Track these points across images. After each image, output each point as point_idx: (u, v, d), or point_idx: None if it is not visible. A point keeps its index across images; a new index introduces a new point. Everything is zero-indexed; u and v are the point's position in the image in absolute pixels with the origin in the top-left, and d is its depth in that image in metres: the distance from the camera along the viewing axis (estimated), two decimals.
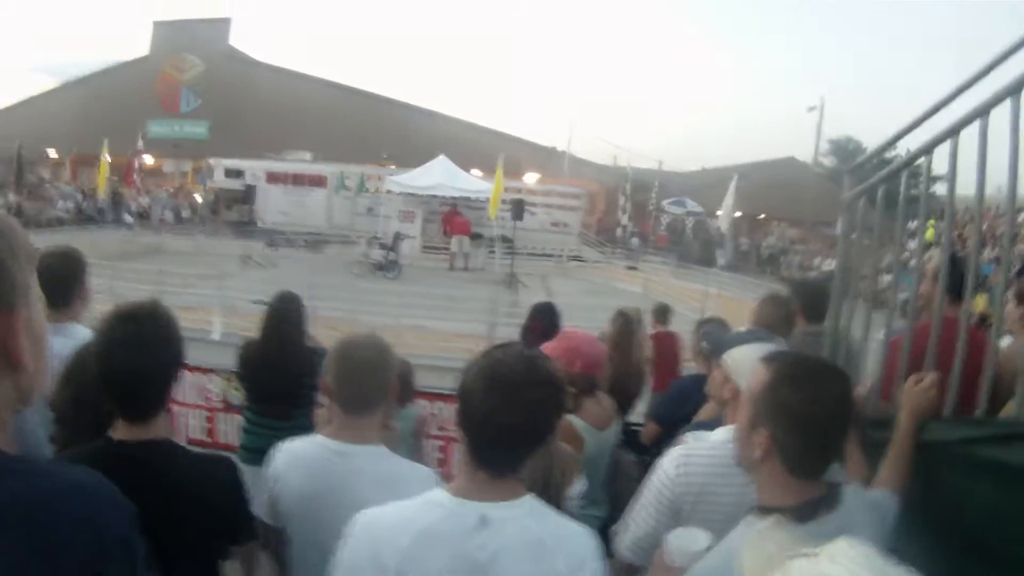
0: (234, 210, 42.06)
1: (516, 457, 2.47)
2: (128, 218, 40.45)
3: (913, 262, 5.76)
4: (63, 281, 4.21)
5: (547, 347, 4.51)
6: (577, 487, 3.94)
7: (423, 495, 2.50)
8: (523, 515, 2.44)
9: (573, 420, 4.52)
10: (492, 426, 2.35)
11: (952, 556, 2.97)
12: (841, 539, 1.56)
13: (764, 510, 2.45)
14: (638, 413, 6.56)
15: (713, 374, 3.61)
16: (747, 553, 1.77)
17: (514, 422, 2.33)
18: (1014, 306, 5.62)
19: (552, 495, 3.52)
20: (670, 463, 3.19)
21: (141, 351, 2.88)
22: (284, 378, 5.67)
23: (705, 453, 3.20)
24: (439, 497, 2.46)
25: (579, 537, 2.53)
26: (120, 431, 2.94)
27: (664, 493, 3.15)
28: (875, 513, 2.70)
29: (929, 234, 21.66)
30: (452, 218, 36.91)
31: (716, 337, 3.85)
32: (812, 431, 2.39)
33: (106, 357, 2.90)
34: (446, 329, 18.96)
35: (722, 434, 3.25)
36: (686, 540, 2.67)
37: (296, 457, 3.36)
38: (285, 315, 5.79)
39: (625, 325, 6.31)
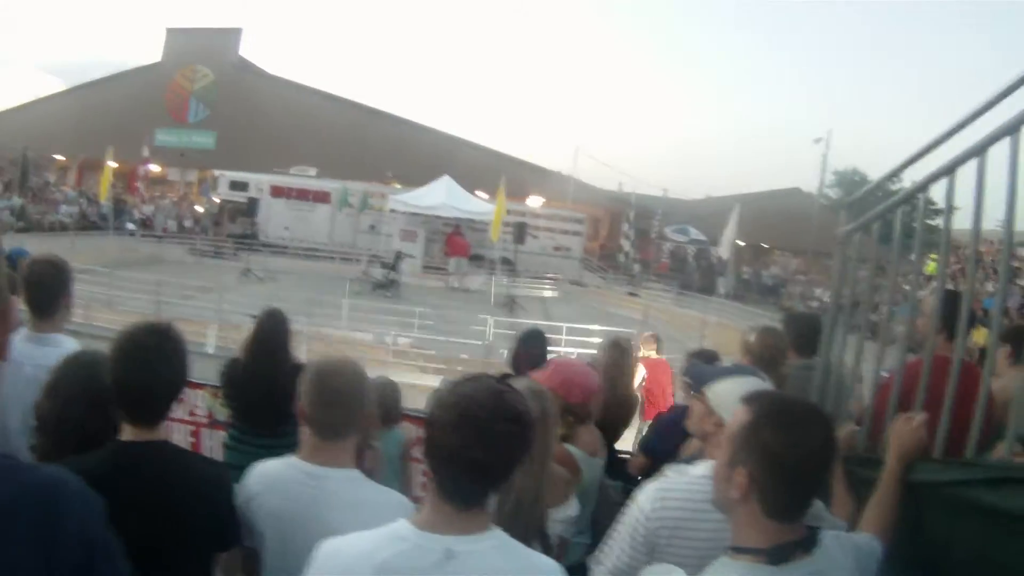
0: (238, 223, 41.99)
1: (483, 491, 2.41)
2: (131, 225, 40.35)
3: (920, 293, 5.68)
4: (51, 291, 4.27)
5: (539, 376, 4.46)
6: (567, 511, 3.97)
7: (387, 526, 2.43)
8: (489, 549, 2.37)
9: (571, 449, 4.48)
10: (460, 461, 2.29)
11: None
12: None
13: (738, 551, 2.40)
14: (625, 440, 6.45)
15: (694, 407, 3.54)
16: None
17: (482, 457, 2.28)
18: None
19: (539, 516, 3.55)
20: (646, 498, 3.12)
21: (161, 361, 3.08)
22: (270, 395, 5.58)
23: (682, 488, 3.13)
24: (403, 529, 2.39)
25: (547, 573, 2.47)
26: (127, 434, 3.08)
27: (639, 529, 3.08)
28: (857, 558, 2.62)
29: (931, 267, 21.62)
30: (452, 239, 36.95)
31: (698, 370, 3.76)
32: (791, 474, 2.33)
33: (125, 364, 3.06)
34: (443, 351, 18.93)
35: (702, 469, 3.18)
36: None
37: (269, 477, 3.33)
38: (271, 332, 5.74)
39: (617, 355, 6.18)
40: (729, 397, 3.15)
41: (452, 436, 2.29)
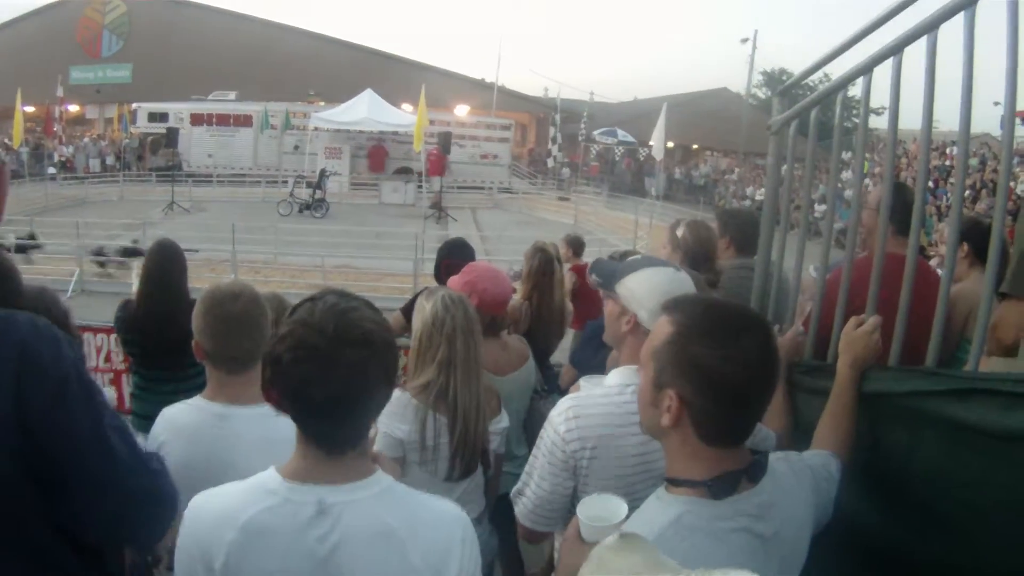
0: (160, 155, 41.12)
1: (349, 429, 2.11)
2: (51, 169, 38.97)
3: (848, 192, 5.45)
4: None
5: (452, 281, 4.39)
6: (500, 423, 3.91)
7: (255, 477, 2.16)
8: (369, 499, 2.09)
9: None
10: (308, 399, 2.00)
11: (900, 520, 2.72)
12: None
13: (675, 483, 2.12)
14: (564, 350, 6.23)
15: (607, 309, 3.16)
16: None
17: (332, 393, 1.98)
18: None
19: (483, 432, 3.64)
20: (559, 417, 2.87)
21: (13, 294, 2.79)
22: (167, 334, 5.21)
23: (597, 402, 2.87)
24: (271, 482, 2.11)
25: (442, 524, 2.18)
26: None
27: (556, 452, 2.85)
28: (812, 480, 2.38)
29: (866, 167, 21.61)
30: (432, 159, 36.21)
31: (605, 266, 3.32)
32: (730, 393, 2.02)
33: None
34: (374, 267, 18.76)
35: (616, 377, 2.94)
36: (598, 511, 2.35)
37: (174, 423, 3.13)
38: (162, 265, 5.40)
39: (544, 262, 5.92)
40: (641, 289, 2.90)
41: (292, 370, 1.99)
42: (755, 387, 2.05)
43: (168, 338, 5.22)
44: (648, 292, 2.86)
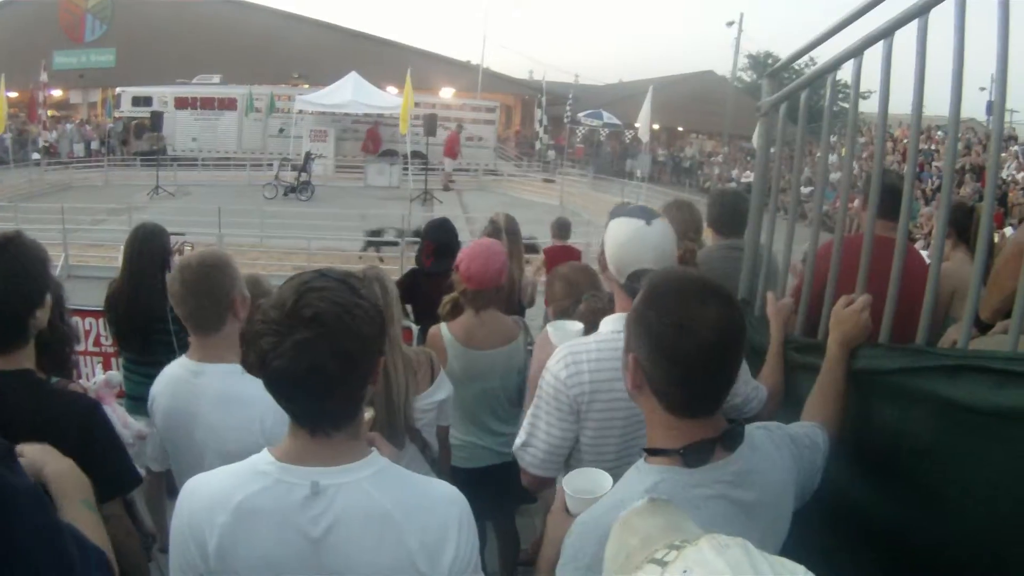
0: (144, 139, 40.71)
1: (325, 410, 2.06)
2: (35, 155, 38.61)
3: (834, 175, 5.49)
4: None
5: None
6: (433, 395, 3.93)
7: (246, 460, 2.14)
8: (363, 480, 2.07)
9: (442, 329, 4.52)
10: (272, 372, 1.97)
11: (889, 497, 2.76)
12: (705, 540, 1.22)
13: (652, 452, 2.13)
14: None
15: None
16: (611, 542, 1.44)
17: (279, 368, 1.95)
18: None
19: (399, 408, 3.69)
20: (558, 365, 2.99)
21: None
22: (135, 317, 5.36)
23: (591, 348, 3.02)
24: (264, 463, 2.09)
25: (438, 506, 2.15)
26: None
27: (560, 398, 2.98)
28: (793, 448, 2.40)
29: (844, 151, 21.58)
30: (448, 140, 36.74)
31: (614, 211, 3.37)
32: (679, 364, 2.02)
33: None
34: (359, 250, 18.77)
35: (608, 324, 3.08)
36: (583, 484, 2.41)
37: (164, 379, 3.41)
38: (141, 249, 5.46)
39: (491, 234, 6.12)
40: (608, 236, 3.10)
41: (254, 341, 1.99)
42: (708, 358, 2.02)
43: (135, 320, 5.35)
44: (610, 240, 3.05)
